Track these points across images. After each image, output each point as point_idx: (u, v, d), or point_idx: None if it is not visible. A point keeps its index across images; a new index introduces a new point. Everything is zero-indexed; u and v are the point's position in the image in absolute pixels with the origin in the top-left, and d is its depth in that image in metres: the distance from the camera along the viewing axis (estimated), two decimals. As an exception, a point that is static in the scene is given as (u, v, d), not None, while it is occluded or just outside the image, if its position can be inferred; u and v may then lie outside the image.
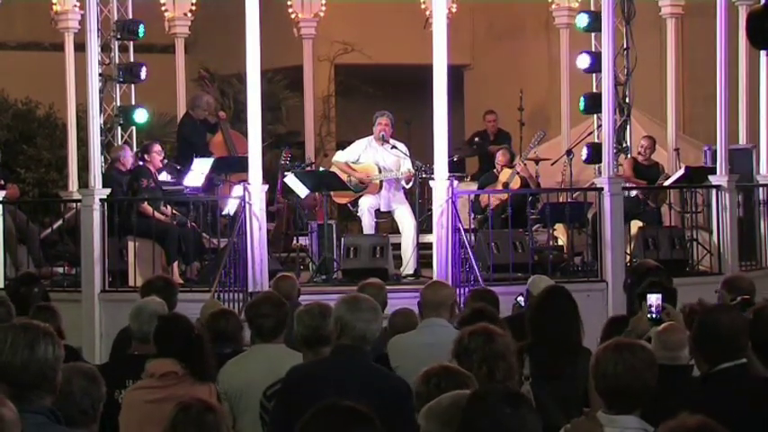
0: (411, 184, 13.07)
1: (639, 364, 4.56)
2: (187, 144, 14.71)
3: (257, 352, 6.51)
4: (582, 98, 14.25)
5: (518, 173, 13.91)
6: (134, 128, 14.72)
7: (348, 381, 5.21)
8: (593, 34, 14.32)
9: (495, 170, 14.22)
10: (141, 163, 13.21)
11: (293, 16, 16.71)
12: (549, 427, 4.71)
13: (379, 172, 13.23)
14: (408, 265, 12.71)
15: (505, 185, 13.84)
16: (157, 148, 13.39)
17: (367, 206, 13.19)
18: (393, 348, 6.91)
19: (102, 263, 12.37)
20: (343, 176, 13.18)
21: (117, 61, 14.39)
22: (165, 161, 13.89)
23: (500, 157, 14.25)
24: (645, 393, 4.57)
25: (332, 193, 13.26)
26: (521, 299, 8.85)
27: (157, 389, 5.92)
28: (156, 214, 12.78)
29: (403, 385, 5.34)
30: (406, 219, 13.02)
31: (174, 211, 13.10)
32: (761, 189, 14.03)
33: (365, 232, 13.24)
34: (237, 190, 12.37)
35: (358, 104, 19.35)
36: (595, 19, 13.74)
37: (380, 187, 13.22)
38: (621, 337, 5.49)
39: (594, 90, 14.20)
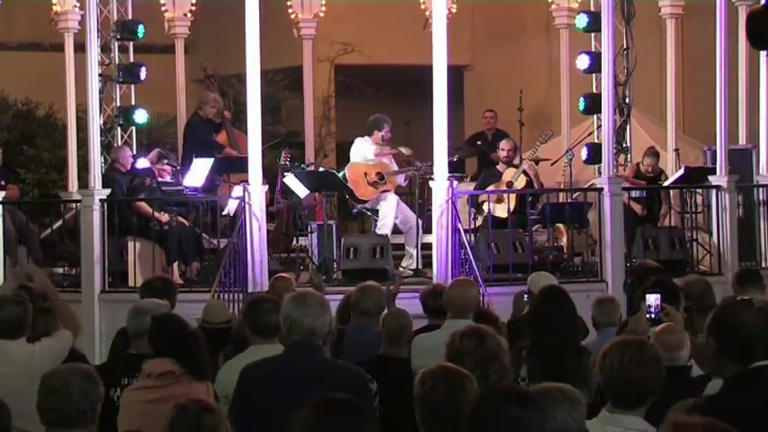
0: (407, 182, 13.12)
1: (646, 359, 4.58)
2: (189, 144, 14.70)
3: (255, 353, 6.48)
4: (582, 98, 14.24)
5: (524, 171, 13.62)
6: (134, 128, 14.73)
7: (301, 376, 5.25)
8: (593, 34, 14.31)
9: (497, 167, 13.91)
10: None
11: (293, 16, 16.71)
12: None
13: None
14: (413, 259, 12.79)
15: (510, 185, 13.54)
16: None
17: (393, 204, 13.17)
18: (417, 348, 6.92)
19: (102, 263, 12.38)
20: (362, 171, 13.13)
21: (117, 62, 14.40)
22: (166, 162, 13.84)
23: (504, 145, 13.88)
24: (650, 390, 4.57)
25: (354, 189, 13.22)
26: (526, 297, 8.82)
27: (155, 389, 5.91)
28: (156, 214, 12.77)
29: (358, 377, 5.37)
30: (407, 210, 13.16)
31: (170, 217, 13.06)
32: (761, 189, 14.01)
33: (384, 232, 13.09)
34: (237, 190, 12.37)
35: (358, 105, 19.34)
36: (595, 19, 13.73)
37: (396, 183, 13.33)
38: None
39: (594, 90, 14.19)
